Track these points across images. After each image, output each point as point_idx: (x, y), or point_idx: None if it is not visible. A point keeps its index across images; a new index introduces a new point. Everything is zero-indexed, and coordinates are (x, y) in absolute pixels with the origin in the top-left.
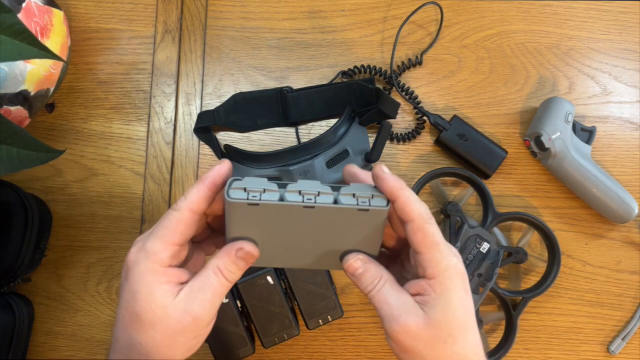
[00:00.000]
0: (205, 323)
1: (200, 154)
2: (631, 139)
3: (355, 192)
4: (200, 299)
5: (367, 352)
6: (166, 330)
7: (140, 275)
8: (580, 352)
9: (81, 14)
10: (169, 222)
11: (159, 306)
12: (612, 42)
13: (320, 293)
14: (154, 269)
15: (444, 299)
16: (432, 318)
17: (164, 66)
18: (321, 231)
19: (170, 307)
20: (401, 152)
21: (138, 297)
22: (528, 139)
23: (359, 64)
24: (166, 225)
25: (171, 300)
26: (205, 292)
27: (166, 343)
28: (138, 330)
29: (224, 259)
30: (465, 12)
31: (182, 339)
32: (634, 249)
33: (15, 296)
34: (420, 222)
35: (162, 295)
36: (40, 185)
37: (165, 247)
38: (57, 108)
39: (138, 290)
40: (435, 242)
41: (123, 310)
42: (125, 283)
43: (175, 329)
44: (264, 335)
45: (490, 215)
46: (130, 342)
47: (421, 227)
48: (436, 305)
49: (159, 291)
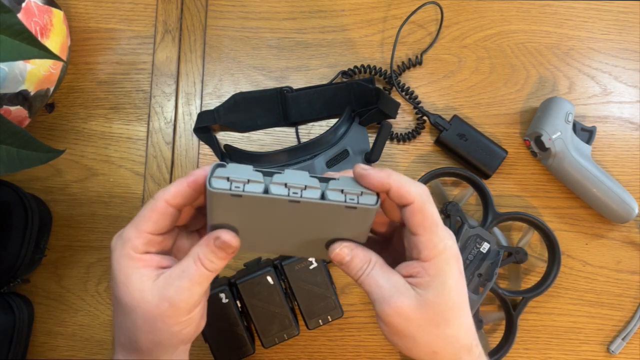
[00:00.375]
0: (184, 311)
1: (200, 154)
2: (631, 139)
3: (344, 188)
4: (177, 286)
5: (367, 352)
6: (146, 315)
7: (117, 260)
8: (580, 352)
9: (81, 14)
10: (144, 211)
11: (136, 290)
12: (612, 42)
13: (320, 293)
14: (129, 255)
15: (438, 281)
16: (425, 300)
17: (164, 66)
18: (307, 222)
19: (147, 292)
20: (401, 152)
21: (117, 282)
22: (528, 139)
23: (359, 64)
24: (142, 214)
25: (149, 285)
26: (183, 280)
27: (147, 328)
28: (122, 314)
29: (203, 247)
30: (465, 12)
31: (162, 324)
32: (634, 249)
33: (15, 296)
34: (419, 203)
35: (138, 280)
36: (40, 185)
37: (139, 234)
38: (57, 108)
39: (117, 276)
40: (434, 223)
41: (112, 295)
42: (110, 270)
43: (154, 313)
44: (264, 335)
45: (490, 215)
46: (119, 327)
47: (420, 208)
48: (430, 287)
49: (135, 275)
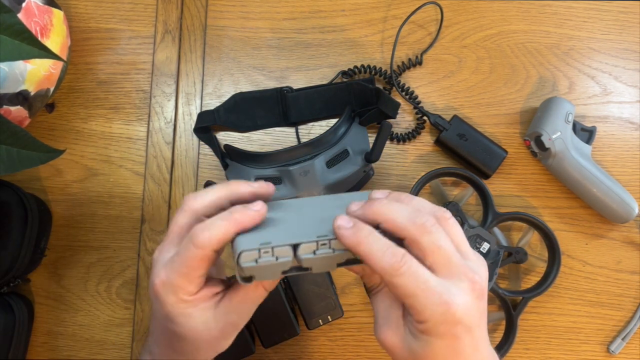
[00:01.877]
0: (243, 323)
1: (200, 154)
2: (631, 139)
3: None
4: (240, 310)
5: (367, 352)
6: (209, 339)
7: (173, 306)
8: (580, 352)
9: (81, 14)
10: (192, 261)
11: (200, 323)
12: (612, 42)
13: (320, 293)
14: (185, 300)
15: (424, 339)
16: (408, 343)
17: (164, 66)
18: None
19: (211, 322)
20: (401, 152)
21: (177, 322)
22: (528, 139)
23: (359, 64)
24: (189, 265)
25: (212, 314)
26: (246, 304)
27: (210, 347)
28: (180, 342)
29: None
30: (465, 12)
31: (224, 341)
32: (634, 249)
33: (15, 296)
34: (386, 278)
35: (200, 315)
36: (40, 185)
37: (190, 280)
38: (57, 108)
39: (175, 317)
40: (410, 293)
41: (160, 328)
42: (159, 306)
43: (218, 337)
44: (264, 335)
45: (490, 215)
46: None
47: (389, 282)
48: (416, 338)
49: (196, 313)
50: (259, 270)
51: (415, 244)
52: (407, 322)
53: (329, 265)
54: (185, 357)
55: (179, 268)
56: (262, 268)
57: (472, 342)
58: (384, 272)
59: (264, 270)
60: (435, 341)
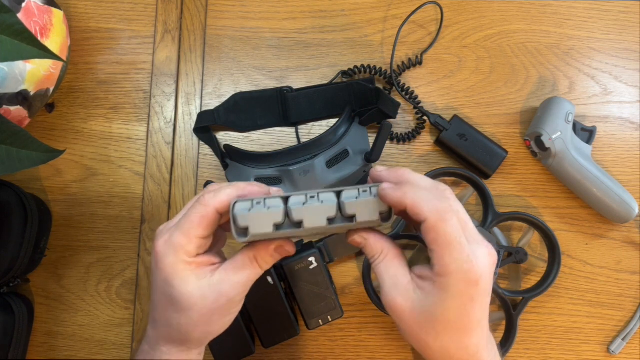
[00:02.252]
0: (238, 303)
1: (200, 154)
2: (631, 139)
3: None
4: (234, 282)
5: (367, 352)
6: (203, 310)
7: (171, 266)
8: (580, 352)
9: (81, 13)
10: (194, 217)
11: (195, 289)
12: (612, 42)
13: (320, 293)
14: (184, 260)
15: (439, 297)
16: (421, 306)
17: (163, 66)
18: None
19: (206, 289)
20: (401, 152)
21: (174, 285)
22: (528, 139)
23: (359, 63)
24: (191, 220)
25: (206, 282)
26: (240, 276)
27: (204, 321)
28: (177, 312)
29: (262, 252)
30: (466, 12)
31: (217, 317)
32: (634, 249)
33: (15, 296)
34: (431, 222)
35: (196, 280)
36: (40, 185)
37: (190, 240)
38: (57, 108)
39: (172, 279)
40: (448, 242)
41: (159, 295)
42: (157, 271)
43: (211, 308)
44: (264, 335)
45: (490, 215)
46: (169, 323)
47: (432, 227)
48: (429, 297)
49: (192, 277)
50: (252, 219)
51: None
52: (421, 282)
53: (320, 220)
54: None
55: (181, 226)
56: (254, 217)
57: (482, 307)
58: (432, 215)
59: (257, 220)
60: (450, 299)
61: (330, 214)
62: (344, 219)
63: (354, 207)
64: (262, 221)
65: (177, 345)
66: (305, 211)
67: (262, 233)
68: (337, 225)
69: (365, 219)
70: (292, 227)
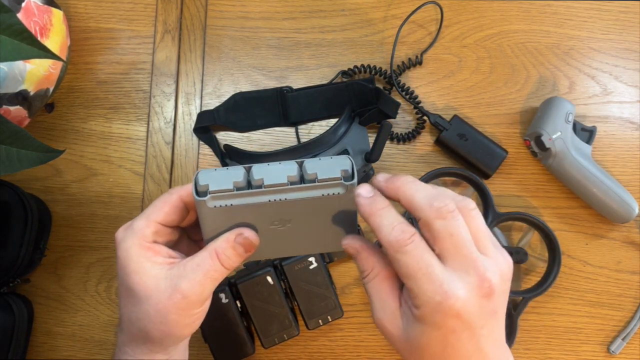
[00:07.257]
0: (196, 304)
1: (200, 154)
2: (631, 138)
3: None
4: (191, 279)
5: (367, 352)
6: (158, 305)
7: (127, 250)
8: (580, 352)
9: (81, 13)
10: (157, 202)
11: (150, 277)
12: (612, 42)
13: (320, 293)
14: (140, 244)
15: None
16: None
17: (163, 66)
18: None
19: (161, 280)
20: (401, 152)
21: (129, 271)
22: (528, 139)
23: (359, 63)
24: (154, 204)
25: (163, 273)
26: (197, 272)
27: (159, 319)
28: (133, 304)
29: (222, 243)
30: (466, 12)
31: (174, 316)
32: (634, 249)
33: (15, 296)
34: (390, 252)
35: (151, 268)
36: (40, 185)
37: (148, 224)
38: (57, 108)
39: (128, 265)
40: (410, 274)
41: (120, 286)
42: (117, 261)
43: (166, 304)
44: (264, 336)
45: (490, 215)
46: (129, 318)
47: (392, 257)
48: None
49: (148, 264)
50: (212, 178)
51: (427, 227)
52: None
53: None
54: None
55: (143, 213)
56: (215, 175)
57: (472, 341)
58: (390, 246)
59: (217, 179)
60: (429, 330)
61: (290, 172)
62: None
63: (315, 166)
64: (222, 179)
65: (140, 344)
66: (265, 169)
67: (222, 190)
68: (299, 186)
69: (326, 176)
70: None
